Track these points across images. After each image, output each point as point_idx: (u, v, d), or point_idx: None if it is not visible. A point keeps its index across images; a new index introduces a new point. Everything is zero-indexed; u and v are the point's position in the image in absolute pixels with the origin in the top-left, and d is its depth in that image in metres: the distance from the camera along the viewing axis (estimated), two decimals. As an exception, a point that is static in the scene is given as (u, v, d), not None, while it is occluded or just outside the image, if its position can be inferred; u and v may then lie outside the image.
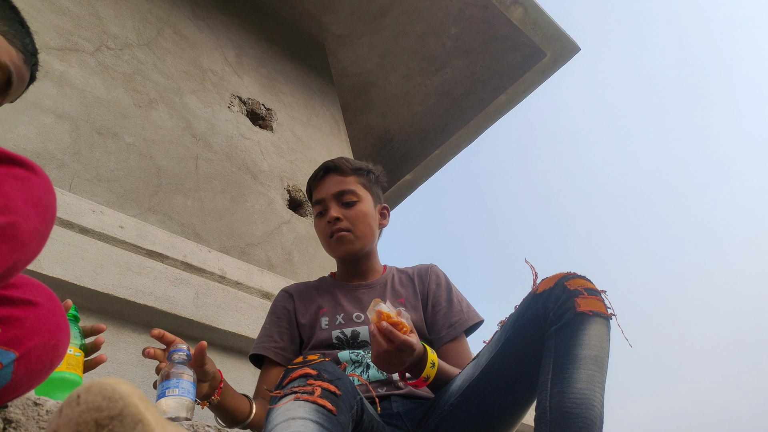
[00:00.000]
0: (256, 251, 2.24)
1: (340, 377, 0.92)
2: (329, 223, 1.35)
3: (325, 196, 1.38)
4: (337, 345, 1.28)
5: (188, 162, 2.25)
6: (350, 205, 1.37)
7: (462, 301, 1.38)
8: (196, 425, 1.10)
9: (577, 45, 3.82)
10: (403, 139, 4.33)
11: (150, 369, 1.47)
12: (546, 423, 0.90)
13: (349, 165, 1.42)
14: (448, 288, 1.39)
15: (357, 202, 1.37)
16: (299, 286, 1.45)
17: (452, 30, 3.69)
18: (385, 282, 1.40)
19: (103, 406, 0.41)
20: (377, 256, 1.46)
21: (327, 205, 1.38)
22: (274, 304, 1.41)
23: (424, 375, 1.10)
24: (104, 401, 0.41)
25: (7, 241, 0.52)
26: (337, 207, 1.37)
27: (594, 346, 0.95)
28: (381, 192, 1.48)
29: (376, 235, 1.41)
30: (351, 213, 1.36)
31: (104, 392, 0.41)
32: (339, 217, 1.34)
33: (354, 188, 1.39)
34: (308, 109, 3.14)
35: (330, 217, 1.35)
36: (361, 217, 1.36)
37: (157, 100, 2.31)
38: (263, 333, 1.36)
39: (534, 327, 1.03)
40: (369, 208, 1.39)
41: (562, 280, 1.03)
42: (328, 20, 3.56)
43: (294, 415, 0.82)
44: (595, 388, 0.91)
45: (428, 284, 1.40)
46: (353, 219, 1.35)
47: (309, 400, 0.84)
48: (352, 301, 1.35)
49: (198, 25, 2.80)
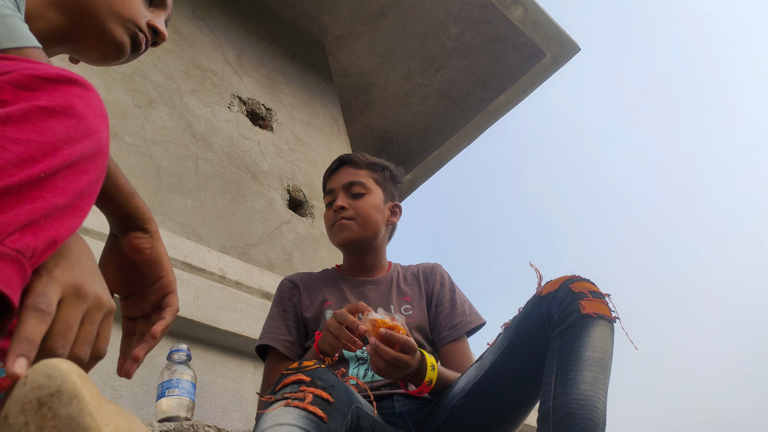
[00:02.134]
0: (256, 251, 2.24)
1: (335, 385, 0.91)
2: (335, 212, 1.37)
3: (335, 186, 1.40)
4: None
5: (188, 162, 2.25)
6: (358, 197, 1.38)
7: (465, 303, 1.38)
8: (196, 425, 1.10)
9: (577, 45, 3.82)
10: (402, 139, 4.33)
11: (150, 369, 1.47)
12: (549, 424, 0.90)
13: (364, 159, 1.44)
14: (452, 289, 1.40)
15: (365, 194, 1.38)
16: (304, 277, 1.44)
17: (452, 30, 3.69)
18: (391, 279, 1.40)
19: (44, 384, 0.42)
20: (384, 253, 1.45)
21: (336, 195, 1.39)
22: (280, 295, 1.39)
23: (426, 379, 1.10)
24: (45, 379, 0.42)
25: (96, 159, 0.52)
26: (345, 197, 1.38)
27: (598, 348, 0.95)
28: (396, 191, 1.49)
29: (381, 230, 1.40)
30: (357, 203, 1.37)
31: (47, 371, 0.42)
32: (344, 206, 1.36)
33: (364, 181, 1.40)
34: (308, 109, 3.14)
35: (336, 205, 1.36)
36: (367, 208, 1.37)
37: (157, 100, 2.31)
38: (271, 324, 1.33)
39: (538, 329, 1.03)
40: (377, 201, 1.40)
41: (566, 283, 1.04)
42: (328, 20, 3.56)
43: (281, 421, 0.81)
44: (598, 389, 0.91)
45: (433, 284, 1.40)
46: (359, 209, 1.36)
47: (299, 406, 0.83)
48: (358, 296, 1.35)
49: (198, 25, 2.80)
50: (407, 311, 1.33)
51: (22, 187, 0.45)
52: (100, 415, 0.42)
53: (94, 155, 0.51)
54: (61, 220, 0.47)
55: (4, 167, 0.44)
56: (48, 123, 0.48)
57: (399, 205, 1.48)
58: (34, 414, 0.41)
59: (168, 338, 1.58)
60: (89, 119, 0.51)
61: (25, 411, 0.42)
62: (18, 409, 0.42)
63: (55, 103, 0.49)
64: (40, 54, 0.64)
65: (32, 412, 0.41)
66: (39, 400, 0.41)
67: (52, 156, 0.47)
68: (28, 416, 0.41)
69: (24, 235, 0.44)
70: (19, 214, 0.44)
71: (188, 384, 1.28)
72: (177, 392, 1.25)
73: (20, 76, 0.49)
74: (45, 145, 0.47)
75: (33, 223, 0.45)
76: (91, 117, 0.51)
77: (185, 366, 1.32)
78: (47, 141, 0.47)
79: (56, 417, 0.41)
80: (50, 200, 0.46)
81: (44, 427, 0.41)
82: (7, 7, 0.62)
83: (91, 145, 0.51)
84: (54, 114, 0.49)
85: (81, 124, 0.50)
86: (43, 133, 0.47)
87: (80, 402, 0.41)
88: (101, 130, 0.53)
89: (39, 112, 0.48)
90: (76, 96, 0.51)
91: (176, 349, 1.34)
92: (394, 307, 1.33)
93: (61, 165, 0.47)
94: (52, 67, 0.52)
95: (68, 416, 0.41)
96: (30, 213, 0.45)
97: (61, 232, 0.48)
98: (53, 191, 0.47)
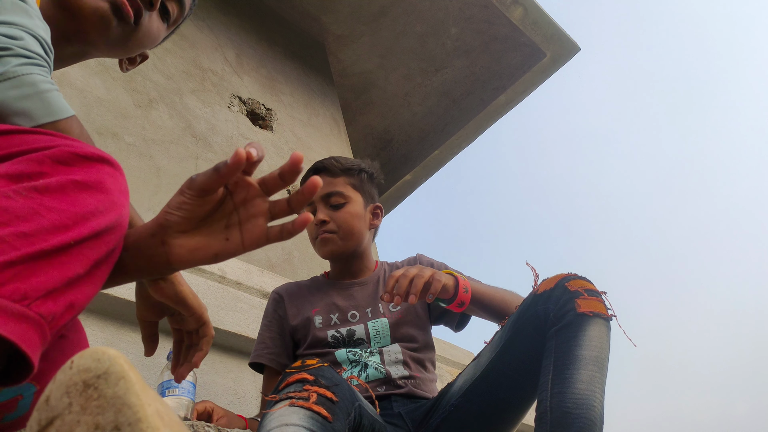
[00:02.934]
0: (256, 251, 2.24)
1: (338, 383, 0.91)
2: (316, 226, 1.36)
3: (313, 198, 1.38)
4: (333, 344, 1.28)
5: (188, 162, 2.26)
6: (338, 207, 1.36)
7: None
8: (196, 425, 1.10)
9: (577, 45, 3.82)
10: (403, 139, 4.33)
11: (150, 369, 1.47)
12: (546, 423, 0.90)
13: (339, 165, 1.41)
14: (442, 264, 1.42)
15: (345, 203, 1.37)
16: (290, 287, 1.44)
17: (452, 30, 3.69)
18: (377, 278, 1.40)
19: (92, 368, 0.43)
20: (370, 255, 1.45)
21: (315, 206, 1.38)
22: (266, 308, 1.42)
23: (458, 301, 1.14)
24: (93, 363, 0.43)
25: (117, 231, 0.56)
26: (325, 209, 1.36)
27: (594, 347, 0.95)
28: (375, 190, 1.47)
29: (364, 236, 1.40)
30: (338, 215, 1.36)
31: (95, 355, 0.44)
32: (325, 219, 1.35)
33: (342, 189, 1.38)
34: (308, 109, 3.14)
35: (316, 219, 1.35)
36: (348, 219, 1.36)
37: (157, 100, 2.31)
38: (258, 339, 1.37)
39: (534, 327, 1.03)
40: (357, 209, 1.38)
41: (562, 281, 1.04)
42: (328, 20, 3.56)
43: (287, 422, 0.81)
44: (595, 388, 0.91)
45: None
46: (340, 221, 1.35)
47: (304, 406, 0.83)
48: (346, 299, 1.35)
49: (198, 25, 2.81)
50: (395, 307, 1.33)
51: (54, 252, 0.48)
52: (145, 396, 0.43)
53: (116, 227, 0.55)
54: (79, 287, 0.51)
55: (39, 232, 0.48)
56: (81, 195, 0.52)
57: (380, 206, 1.47)
58: (79, 395, 0.42)
59: (168, 338, 1.58)
60: (115, 195, 0.56)
61: (70, 393, 0.43)
62: (62, 391, 0.43)
63: (88, 179, 0.53)
64: (74, 122, 0.69)
65: (77, 394, 0.43)
66: (85, 382, 0.43)
67: (82, 226, 0.51)
68: (72, 397, 0.43)
69: (47, 300, 0.47)
70: (48, 280, 0.47)
71: (188, 384, 1.29)
72: (177, 392, 1.26)
73: (61, 152, 0.53)
74: (77, 216, 0.51)
75: (56, 290, 0.48)
76: (117, 193, 0.56)
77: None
78: (79, 212, 0.51)
79: (102, 397, 0.42)
80: (75, 269, 0.50)
81: (88, 407, 0.42)
82: (47, 82, 0.67)
83: (115, 218, 0.55)
84: (86, 188, 0.53)
85: (108, 199, 0.54)
86: (76, 204, 0.51)
87: (127, 383, 0.43)
88: (124, 205, 0.57)
89: (74, 186, 0.52)
90: (106, 174, 0.55)
91: (176, 349, 1.35)
92: (382, 305, 1.33)
93: (89, 234, 0.51)
94: (88, 146, 0.56)
95: (114, 395, 0.42)
96: (57, 280, 0.48)
97: (79, 298, 0.51)
98: (79, 258, 0.50)
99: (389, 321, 1.30)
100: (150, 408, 0.42)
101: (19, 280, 0.45)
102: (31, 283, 0.46)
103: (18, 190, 0.49)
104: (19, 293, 0.45)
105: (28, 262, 0.46)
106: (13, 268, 0.45)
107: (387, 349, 1.26)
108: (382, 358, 1.25)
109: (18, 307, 0.45)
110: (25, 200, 0.49)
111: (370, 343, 1.28)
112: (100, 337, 1.47)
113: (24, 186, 0.50)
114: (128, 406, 0.42)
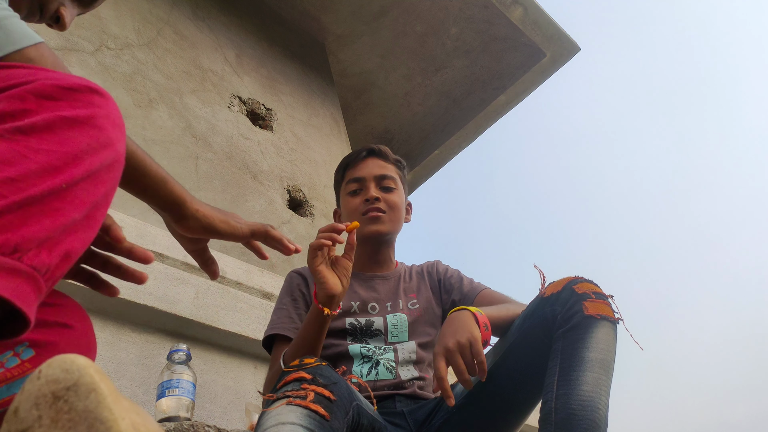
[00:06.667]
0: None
1: (336, 382, 0.91)
2: (366, 201, 1.35)
3: (366, 176, 1.38)
4: (350, 332, 1.27)
5: (188, 162, 2.25)
6: (389, 191, 1.38)
7: (472, 280, 1.41)
8: (196, 425, 1.10)
9: (577, 45, 3.82)
10: (403, 139, 4.33)
11: (150, 369, 1.47)
12: (551, 424, 0.90)
13: (391, 154, 1.44)
14: (457, 272, 1.43)
15: (395, 189, 1.39)
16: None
17: (452, 30, 3.69)
18: (399, 275, 1.41)
19: (61, 378, 0.41)
20: (395, 249, 1.46)
21: (366, 185, 1.37)
22: (289, 286, 1.38)
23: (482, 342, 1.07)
24: (62, 373, 0.42)
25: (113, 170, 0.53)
26: (377, 189, 1.37)
27: (601, 350, 0.95)
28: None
29: (401, 227, 1.42)
30: (390, 197, 1.37)
31: (63, 365, 0.42)
32: (379, 197, 1.35)
33: (394, 176, 1.41)
34: (308, 109, 3.14)
35: (370, 195, 1.34)
36: (397, 205, 1.38)
37: (157, 100, 2.31)
38: (281, 314, 1.31)
39: (541, 329, 1.04)
40: (402, 198, 1.41)
41: (570, 284, 1.04)
42: (328, 20, 3.56)
43: (284, 420, 0.81)
44: (600, 390, 0.91)
45: (438, 276, 1.42)
46: (390, 204, 1.36)
47: (301, 404, 0.83)
48: (367, 290, 1.35)
49: (198, 25, 2.80)
50: (414, 305, 1.34)
51: (45, 197, 0.45)
52: (118, 409, 0.42)
53: (112, 165, 0.52)
54: (76, 233, 0.48)
55: (27, 177, 0.44)
56: (70, 133, 0.48)
57: (411, 203, 1.51)
58: (49, 408, 0.41)
59: (168, 338, 1.58)
60: (108, 130, 0.52)
61: (39, 405, 0.41)
62: (31, 403, 0.41)
63: (78, 114, 0.49)
64: (44, 49, 0.63)
65: (46, 406, 0.41)
66: (54, 394, 0.41)
67: (74, 167, 0.47)
68: (41, 410, 0.41)
69: (40, 251, 0.44)
70: (41, 230, 0.44)
71: (188, 384, 1.28)
72: (177, 392, 1.25)
73: (43, 85, 0.49)
74: (67, 156, 0.47)
75: (50, 238, 0.45)
76: (110, 128, 0.52)
77: (185, 366, 1.32)
78: (69, 151, 0.47)
79: (72, 410, 0.41)
80: (69, 214, 0.46)
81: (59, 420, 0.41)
82: (1, 9, 0.61)
83: (110, 155, 0.51)
84: (76, 124, 0.49)
85: (101, 135, 0.50)
86: (66, 143, 0.47)
87: (98, 395, 0.41)
88: (119, 140, 0.53)
89: (62, 122, 0.48)
90: (97, 106, 0.51)
91: (176, 349, 1.34)
92: (402, 301, 1.34)
93: (82, 176, 0.48)
94: (72, 76, 0.52)
95: (85, 409, 0.41)
96: (50, 228, 0.45)
97: (75, 246, 0.48)
98: (73, 203, 0.47)
99: (408, 318, 1.30)
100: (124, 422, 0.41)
101: (9, 231, 0.42)
102: (22, 234, 0.43)
103: (0, 132, 0.45)
104: (9, 246, 0.42)
105: (16, 211, 0.43)
106: (2, 218, 0.42)
107: (402, 347, 1.26)
108: (396, 356, 1.24)
109: (9, 261, 0.42)
110: (8, 143, 0.45)
111: (387, 336, 1.27)
112: (100, 337, 1.47)
113: (6, 127, 0.46)
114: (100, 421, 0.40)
